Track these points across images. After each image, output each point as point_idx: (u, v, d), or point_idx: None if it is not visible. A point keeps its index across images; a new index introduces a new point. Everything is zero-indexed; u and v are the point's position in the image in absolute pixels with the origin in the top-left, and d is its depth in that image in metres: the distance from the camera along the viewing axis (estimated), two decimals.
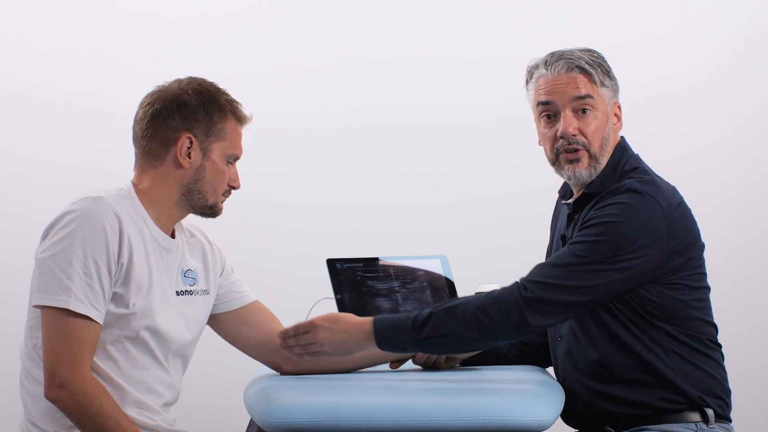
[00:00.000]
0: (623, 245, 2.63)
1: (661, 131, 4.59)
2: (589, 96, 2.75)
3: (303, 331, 2.62)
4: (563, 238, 2.84)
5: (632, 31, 4.66)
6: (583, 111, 2.76)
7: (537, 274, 2.64)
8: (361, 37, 4.73)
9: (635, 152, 2.83)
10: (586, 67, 2.76)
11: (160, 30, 4.70)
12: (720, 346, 2.77)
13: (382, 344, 2.61)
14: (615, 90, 2.80)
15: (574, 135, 2.75)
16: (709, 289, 2.77)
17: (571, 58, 2.77)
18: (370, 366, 2.86)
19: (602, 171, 2.77)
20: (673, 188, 2.75)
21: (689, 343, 2.71)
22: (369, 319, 2.63)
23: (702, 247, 2.76)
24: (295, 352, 2.63)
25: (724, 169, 4.64)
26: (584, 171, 2.78)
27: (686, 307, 2.71)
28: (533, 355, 2.99)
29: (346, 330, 2.63)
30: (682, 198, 2.74)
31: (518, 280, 2.64)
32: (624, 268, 2.63)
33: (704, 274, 2.76)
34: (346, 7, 4.73)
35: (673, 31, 4.69)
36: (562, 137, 2.76)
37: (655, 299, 2.68)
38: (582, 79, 2.76)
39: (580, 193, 2.81)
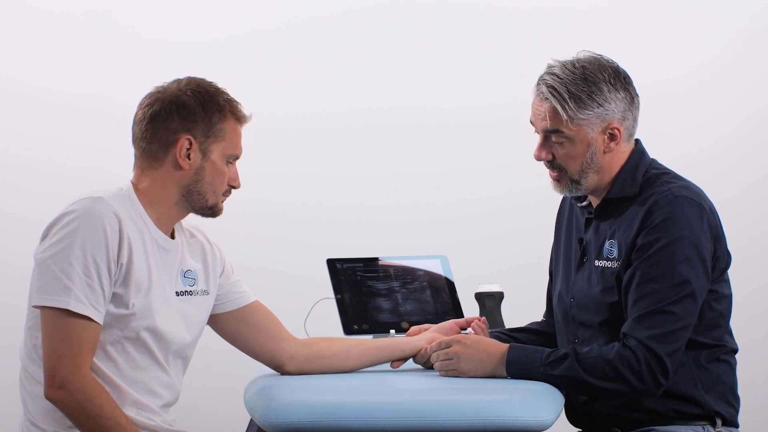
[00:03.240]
0: (695, 260, 2.62)
1: (661, 131, 4.58)
2: (556, 131, 2.71)
3: (445, 346, 2.71)
4: (580, 241, 2.81)
5: (632, 31, 4.66)
6: (553, 141, 2.73)
7: (648, 325, 2.61)
8: (361, 37, 4.73)
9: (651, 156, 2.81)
10: (554, 103, 2.69)
11: (160, 30, 4.70)
12: (736, 351, 2.77)
13: (510, 372, 2.66)
14: (605, 115, 2.70)
15: (546, 160, 2.75)
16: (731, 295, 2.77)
17: (543, 88, 2.71)
18: (371, 366, 2.86)
19: (619, 176, 2.74)
20: (703, 191, 2.74)
21: (713, 353, 2.70)
22: (506, 345, 2.70)
23: (729, 254, 2.74)
24: (435, 366, 2.72)
25: (724, 169, 4.65)
26: (565, 190, 2.77)
27: (717, 316, 2.70)
28: None
29: (486, 350, 2.69)
30: (710, 201, 2.74)
31: (638, 339, 2.60)
32: (704, 281, 2.64)
33: (728, 282, 2.75)
34: (346, 7, 4.73)
35: (673, 31, 4.69)
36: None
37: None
38: (551, 112, 2.71)
39: (600, 199, 2.78)
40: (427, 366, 2.88)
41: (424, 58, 4.72)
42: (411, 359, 2.88)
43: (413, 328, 2.96)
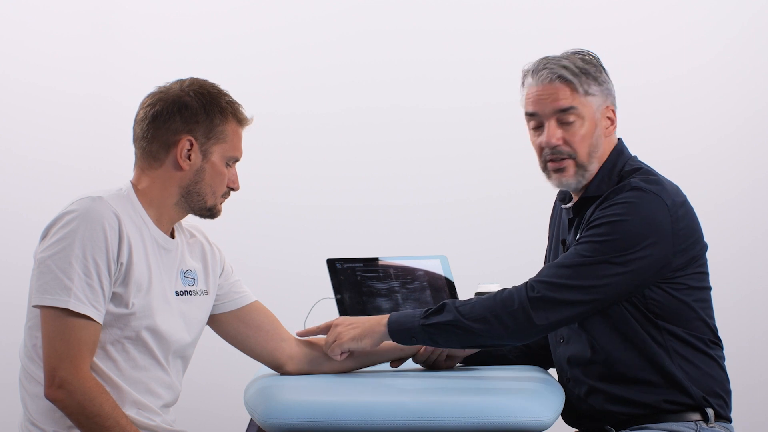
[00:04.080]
0: (629, 244, 2.63)
1: (660, 131, 4.59)
2: (571, 108, 2.73)
3: (325, 327, 2.78)
4: (563, 243, 2.84)
5: (632, 31, 4.66)
6: (567, 122, 2.74)
7: (544, 274, 2.65)
8: (361, 37, 4.73)
9: (633, 153, 2.82)
10: (569, 77, 2.73)
11: (160, 30, 4.70)
12: (721, 347, 2.77)
13: (392, 331, 2.70)
14: (606, 94, 2.76)
15: (557, 145, 2.75)
16: (710, 288, 2.77)
17: (554, 68, 2.74)
18: (370, 365, 2.86)
19: (598, 174, 2.76)
20: (677, 187, 2.75)
21: (692, 343, 2.71)
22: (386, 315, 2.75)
23: (705, 246, 2.76)
24: (325, 347, 2.77)
25: (724, 170, 4.65)
26: (571, 180, 2.77)
27: (688, 308, 2.71)
28: (534, 356, 2.99)
29: (364, 321, 2.75)
30: (685, 197, 2.74)
31: (527, 281, 2.65)
32: (630, 266, 2.63)
33: (706, 274, 2.76)
34: (345, 7, 4.73)
35: (673, 31, 4.69)
36: (546, 147, 2.76)
37: (658, 299, 2.68)
38: (564, 91, 2.73)
39: (578, 197, 2.80)
40: (427, 365, 2.88)
41: (423, 57, 4.72)
42: (411, 359, 2.88)
43: None
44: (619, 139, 2.82)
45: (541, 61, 2.77)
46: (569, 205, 2.85)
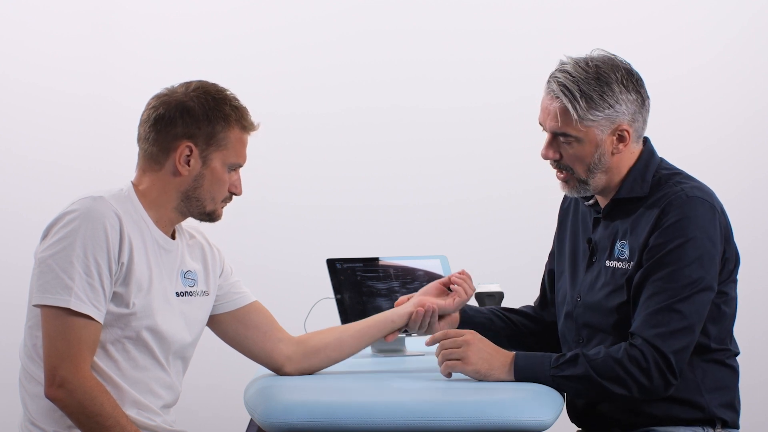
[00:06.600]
0: (706, 260, 2.60)
1: (660, 131, 4.57)
2: (564, 133, 2.67)
3: (455, 335, 2.65)
4: (589, 242, 2.78)
5: (632, 31, 4.66)
6: (560, 142, 2.69)
7: (654, 324, 2.58)
8: (360, 36, 4.73)
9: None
10: (565, 101, 2.64)
11: (160, 30, 4.70)
12: (738, 353, 2.75)
13: (519, 378, 2.62)
14: (614, 117, 2.65)
15: (555, 159, 2.71)
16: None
17: (554, 88, 2.66)
18: (367, 346, 2.82)
19: (628, 177, 2.70)
20: (713, 191, 2.72)
21: (718, 356, 2.69)
22: (512, 352, 2.66)
23: (738, 255, 2.72)
24: (441, 353, 2.64)
25: (724, 170, 4.65)
26: (572, 191, 2.73)
27: (726, 319, 2.69)
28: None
29: (496, 350, 2.65)
30: (720, 201, 2.72)
31: (643, 338, 2.58)
32: (713, 281, 2.62)
33: (736, 284, 2.73)
34: (345, 7, 4.73)
35: (673, 31, 4.69)
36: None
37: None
38: (561, 112, 2.65)
39: (609, 198, 2.74)
40: (421, 332, 2.84)
41: (423, 57, 4.73)
42: (411, 361, 2.88)
43: (401, 298, 2.93)
44: (646, 139, 2.75)
45: (555, 70, 2.69)
46: (591, 202, 2.79)
